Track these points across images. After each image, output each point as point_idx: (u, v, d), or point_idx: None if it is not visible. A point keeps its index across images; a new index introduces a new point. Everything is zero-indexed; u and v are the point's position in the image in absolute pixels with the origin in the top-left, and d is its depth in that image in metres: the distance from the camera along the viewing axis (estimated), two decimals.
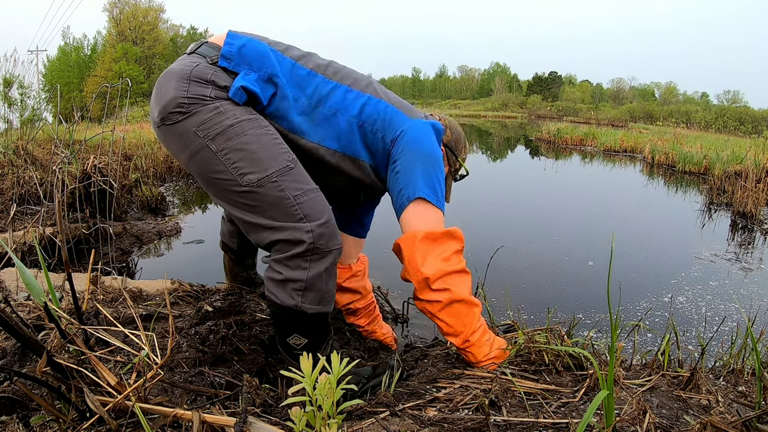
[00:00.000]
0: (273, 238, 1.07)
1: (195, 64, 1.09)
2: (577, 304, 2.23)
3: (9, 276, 1.63)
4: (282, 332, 1.18)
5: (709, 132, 20.89)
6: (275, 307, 1.12)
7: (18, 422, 0.75)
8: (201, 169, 1.08)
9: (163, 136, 1.13)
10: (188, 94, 1.05)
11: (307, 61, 1.19)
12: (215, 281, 2.25)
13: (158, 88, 1.10)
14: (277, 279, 1.09)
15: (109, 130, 2.39)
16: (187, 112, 1.05)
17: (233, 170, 1.05)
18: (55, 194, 1.04)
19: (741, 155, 6.41)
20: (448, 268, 1.13)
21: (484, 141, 13.97)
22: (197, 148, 1.06)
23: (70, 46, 35.15)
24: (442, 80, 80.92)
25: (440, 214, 1.19)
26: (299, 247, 1.05)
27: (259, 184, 1.05)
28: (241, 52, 1.11)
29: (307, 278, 1.07)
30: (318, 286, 1.09)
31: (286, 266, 1.07)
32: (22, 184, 3.00)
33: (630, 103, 48.42)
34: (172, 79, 1.07)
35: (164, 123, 1.08)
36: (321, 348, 1.21)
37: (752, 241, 3.58)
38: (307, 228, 1.05)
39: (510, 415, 0.95)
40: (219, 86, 1.08)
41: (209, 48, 1.13)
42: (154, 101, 1.10)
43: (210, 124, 1.05)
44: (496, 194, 5.40)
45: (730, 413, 0.92)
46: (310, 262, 1.06)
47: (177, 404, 0.86)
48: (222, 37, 1.15)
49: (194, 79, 1.06)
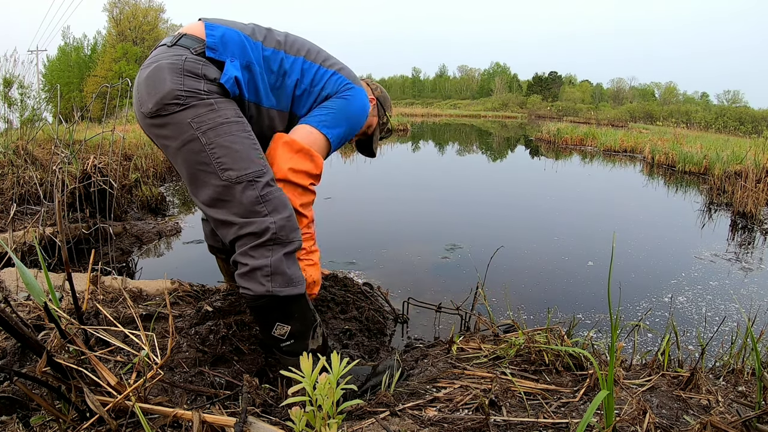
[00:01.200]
0: (240, 232, 1.17)
1: (183, 56, 1.16)
2: (577, 304, 2.23)
3: (9, 276, 1.63)
4: (265, 327, 1.20)
5: (709, 132, 20.89)
6: (251, 300, 1.17)
7: (18, 422, 0.75)
8: (187, 158, 1.17)
9: (154, 127, 1.18)
10: (185, 88, 1.13)
11: (270, 40, 1.31)
12: (215, 281, 2.25)
13: (150, 80, 1.15)
14: (245, 271, 1.17)
15: (109, 130, 2.39)
16: (183, 105, 1.13)
17: (216, 164, 1.15)
18: (55, 194, 1.04)
19: (741, 155, 6.41)
20: (291, 177, 1.28)
21: (484, 141, 13.97)
22: (189, 138, 1.15)
23: (70, 46, 35.13)
24: (442, 80, 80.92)
25: (322, 141, 1.34)
26: (263, 237, 1.16)
27: (236, 181, 1.16)
28: (223, 41, 1.21)
29: (271, 263, 1.16)
30: (282, 269, 1.17)
31: (250, 256, 1.16)
32: (22, 184, 3.00)
33: (630, 103, 48.42)
34: (166, 72, 1.13)
35: (159, 114, 1.14)
36: (308, 336, 1.23)
37: (752, 241, 3.58)
38: (271, 221, 1.17)
39: (510, 415, 0.95)
40: (210, 79, 1.17)
41: (190, 40, 1.20)
42: (147, 93, 1.15)
43: (204, 118, 1.14)
44: (496, 194, 5.40)
45: (730, 413, 0.92)
46: (272, 250, 1.17)
47: (177, 404, 0.86)
48: (197, 27, 1.23)
49: (187, 72, 1.15)
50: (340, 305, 1.87)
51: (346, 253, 2.84)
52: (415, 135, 14.69)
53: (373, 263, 2.70)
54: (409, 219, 3.93)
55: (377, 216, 3.98)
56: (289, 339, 1.19)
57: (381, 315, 1.94)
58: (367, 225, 3.60)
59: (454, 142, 13.13)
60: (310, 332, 1.23)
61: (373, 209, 4.22)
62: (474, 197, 5.05)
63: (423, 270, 2.62)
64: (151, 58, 1.20)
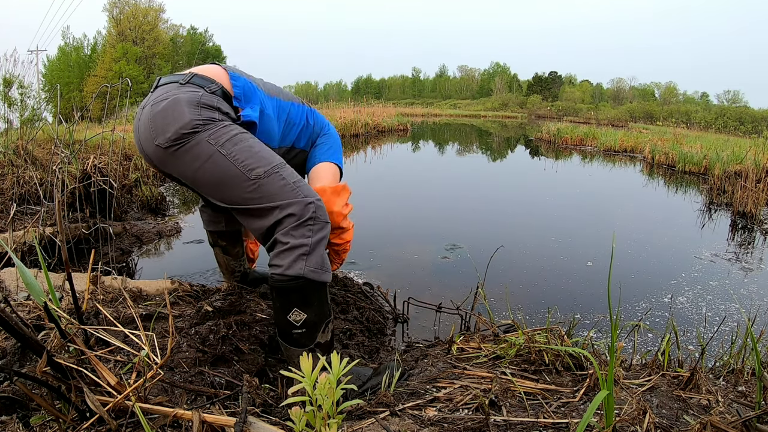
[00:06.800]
0: (281, 215, 1.22)
1: (199, 92, 1.26)
2: (576, 304, 2.23)
3: (9, 276, 1.63)
4: (283, 310, 1.22)
5: (709, 132, 20.87)
6: (280, 280, 1.20)
7: (18, 422, 0.75)
8: (213, 171, 1.23)
9: (170, 156, 1.24)
10: (201, 117, 1.23)
11: (265, 88, 1.52)
12: (215, 281, 2.25)
13: (167, 112, 1.22)
14: (285, 248, 1.20)
15: (109, 130, 2.39)
16: (200, 131, 1.22)
17: (242, 168, 1.22)
18: (55, 194, 1.04)
19: (741, 155, 6.41)
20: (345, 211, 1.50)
21: (484, 141, 13.97)
22: (210, 153, 1.22)
23: (70, 46, 35.10)
24: (442, 80, 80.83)
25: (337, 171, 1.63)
26: (304, 216, 1.22)
27: (265, 175, 1.23)
28: (245, 93, 1.37)
29: (311, 243, 1.21)
30: (319, 251, 1.23)
31: (291, 236, 1.21)
32: (22, 184, 3.00)
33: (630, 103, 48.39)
34: (184, 105, 1.22)
35: (176, 142, 1.21)
36: (320, 328, 1.24)
37: (752, 241, 3.58)
38: (310, 200, 1.24)
39: (510, 415, 0.95)
40: (223, 112, 1.28)
41: (203, 80, 1.30)
42: (164, 124, 1.22)
43: (219, 133, 1.23)
44: (496, 194, 5.40)
45: (730, 413, 0.92)
46: (312, 230, 1.22)
47: (177, 404, 0.86)
48: (210, 68, 1.37)
49: (203, 105, 1.25)
50: (340, 305, 1.87)
51: None
52: (415, 135, 14.69)
53: (373, 263, 2.70)
54: (409, 219, 3.93)
55: (377, 216, 3.98)
56: (302, 327, 1.22)
57: (381, 315, 1.94)
58: (367, 225, 3.60)
59: (454, 142, 13.13)
60: (322, 325, 1.25)
61: (373, 209, 4.22)
62: (474, 197, 5.05)
63: (423, 270, 2.62)
64: (161, 95, 1.26)
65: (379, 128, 13.67)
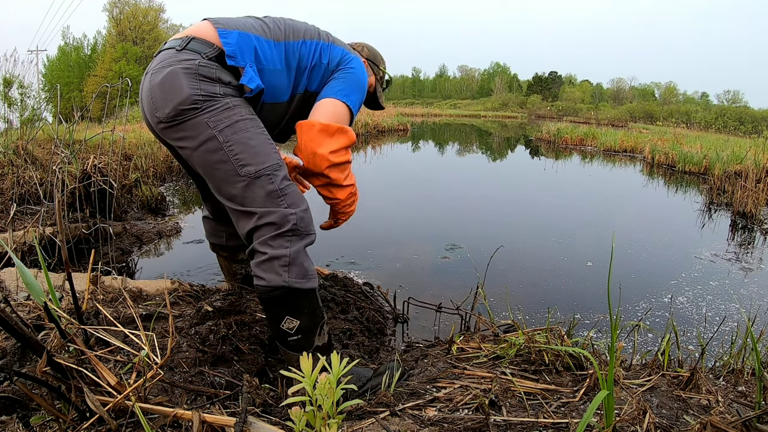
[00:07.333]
0: (260, 222, 1.19)
1: (196, 61, 1.18)
2: (576, 304, 2.23)
3: (9, 276, 1.63)
4: (275, 320, 1.21)
5: (709, 132, 20.87)
6: (265, 291, 1.18)
7: (18, 422, 0.75)
8: (206, 157, 1.20)
9: (170, 131, 1.21)
10: (201, 92, 1.17)
11: (275, 33, 1.35)
12: (215, 281, 2.25)
13: (165, 85, 1.17)
14: (263, 259, 1.18)
15: (109, 130, 2.39)
16: (201, 108, 1.17)
17: (235, 161, 1.18)
18: (55, 194, 1.04)
19: (741, 155, 6.41)
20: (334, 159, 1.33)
21: (484, 141, 13.97)
22: (207, 137, 1.18)
23: (70, 46, 35.08)
24: (442, 80, 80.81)
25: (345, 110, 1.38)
26: (283, 228, 1.18)
27: (255, 176, 1.19)
28: (240, 49, 1.24)
29: (290, 254, 1.18)
30: (300, 261, 1.20)
31: (269, 246, 1.18)
32: (22, 184, 3.00)
33: (630, 103, 48.37)
34: (182, 78, 1.16)
35: (176, 118, 1.17)
36: (315, 332, 1.23)
37: (752, 241, 3.58)
38: (291, 212, 1.20)
39: (510, 415, 0.95)
40: (224, 82, 1.21)
41: (200, 44, 1.22)
42: (162, 98, 1.17)
43: (220, 117, 1.18)
44: (496, 194, 5.40)
45: (730, 413, 0.92)
46: (290, 241, 1.19)
47: (177, 404, 0.86)
48: (206, 30, 1.25)
49: (202, 77, 1.18)
50: (340, 305, 1.87)
51: (346, 253, 2.84)
52: (415, 135, 14.69)
53: (373, 263, 2.70)
54: (408, 219, 3.93)
55: (377, 216, 3.98)
56: (296, 334, 1.21)
57: (381, 315, 1.94)
58: (367, 225, 3.60)
59: (454, 141, 13.13)
60: (317, 329, 1.24)
61: (373, 209, 4.22)
62: (474, 197, 5.05)
63: (423, 270, 2.62)
64: (159, 63, 1.21)
65: (379, 128, 13.68)
